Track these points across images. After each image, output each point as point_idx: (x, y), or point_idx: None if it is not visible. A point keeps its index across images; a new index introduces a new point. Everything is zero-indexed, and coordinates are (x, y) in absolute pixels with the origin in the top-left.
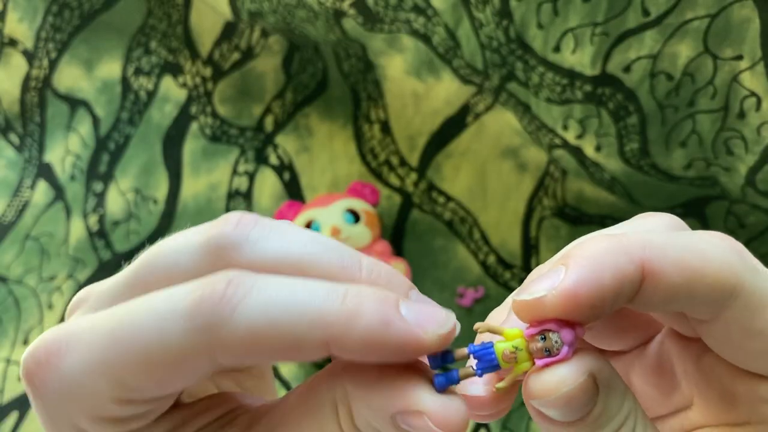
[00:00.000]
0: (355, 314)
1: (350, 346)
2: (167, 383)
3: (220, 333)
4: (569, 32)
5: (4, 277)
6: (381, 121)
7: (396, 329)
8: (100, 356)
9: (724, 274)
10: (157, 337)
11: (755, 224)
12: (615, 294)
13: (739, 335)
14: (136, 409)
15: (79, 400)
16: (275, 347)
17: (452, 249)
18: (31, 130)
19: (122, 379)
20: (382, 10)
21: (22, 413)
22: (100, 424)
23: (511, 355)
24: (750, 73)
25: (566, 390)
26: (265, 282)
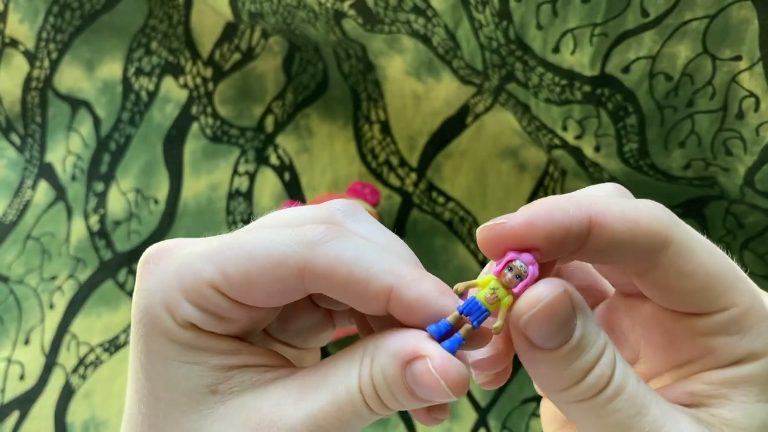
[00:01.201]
0: (420, 278)
1: (407, 298)
2: (256, 286)
3: (315, 251)
4: (568, 33)
5: (5, 276)
6: (381, 122)
7: (448, 302)
8: (214, 248)
9: (657, 225)
10: (268, 242)
11: (754, 224)
12: (566, 230)
13: (674, 278)
14: (221, 306)
15: (182, 277)
16: (350, 278)
17: (452, 249)
18: (32, 131)
19: (224, 267)
20: (382, 11)
21: (23, 413)
22: (187, 308)
23: (492, 297)
24: (749, 73)
25: (548, 299)
26: (357, 236)
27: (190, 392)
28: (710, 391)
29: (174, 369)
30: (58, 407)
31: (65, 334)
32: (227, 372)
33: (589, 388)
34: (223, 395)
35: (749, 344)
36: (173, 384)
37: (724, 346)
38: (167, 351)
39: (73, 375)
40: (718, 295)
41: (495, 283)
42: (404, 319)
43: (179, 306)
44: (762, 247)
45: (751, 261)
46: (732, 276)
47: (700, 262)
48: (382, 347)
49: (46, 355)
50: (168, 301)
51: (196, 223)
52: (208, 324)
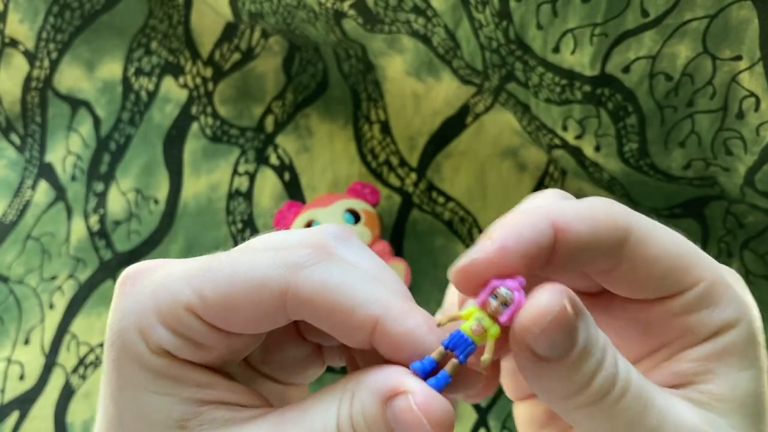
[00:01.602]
0: (409, 311)
1: (394, 333)
2: (239, 312)
3: (298, 275)
4: (568, 33)
5: (5, 276)
6: (381, 122)
7: (433, 338)
8: (194, 269)
9: (615, 217)
10: (250, 264)
11: (754, 224)
12: (536, 245)
13: (642, 267)
14: (199, 332)
15: (158, 299)
16: (334, 305)
17: (452, 249)
18: (32, 131)
19: (202, 290)
20: (382, 11)
21: (23, 413)
22: (161, 333)
23: (478, 328)
24: (749, 73)
25: (555, 310)
26: (343, 262)
27: (158, 425)
28: (695, 369)
29: (144, 399)
30: (58, 407)
31: (65, 334)
32: (198, 407)
33: (598, 391)
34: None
35: (722, 315)
36: (142, 414)
37: (699, 321)
38: (138, 379)
39: (73, 375)
40: (685, 273)
41: (480, 313)
42: (389, 355)
43: (153, 330)
44: (762, 247)
45: (751, 261)
46: (694, 253)
47: (662, 245)
48: (363, 383)
49: (46, 355)
50: (142, 324)
51: (196, 223)
52: (182, 351)
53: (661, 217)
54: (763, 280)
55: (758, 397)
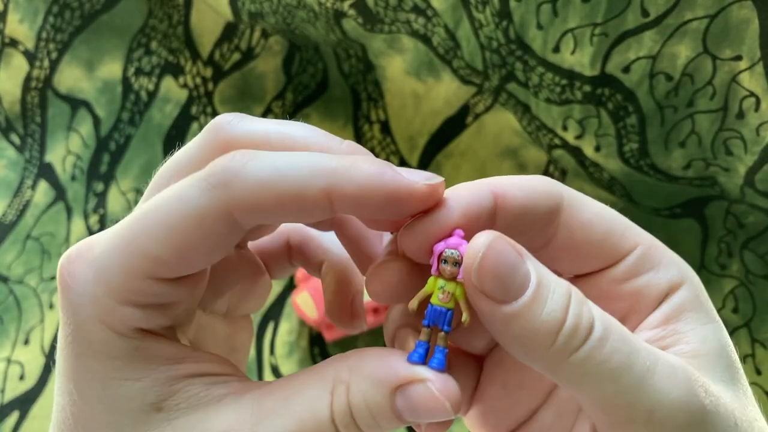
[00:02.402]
0: (352, 165)
1: (350, 192)
2: (191, 251)
3: (233, 187)
4: (569, 33)
5: (5, 276)
6: (381, 122)
7: (390, 178)
8: (126, 236)
9: (548, 186)
10: (177, 203)
11: (754, 224)
12: (477, 205)
13: (579, 231)
14: (160, 291)
15: (108, 281)
16: (283, 197)
17: None
18: (32, 131)
19: (148, 250)
20: (382, 11)
21: (23, 413)
22: (125, 311)
23: (445, 296)
24: (749, 73)
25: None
26: (266, 152)
27: (133, 413)
28: (660, 334)
29: (114, 389)
30: None
31: None
32: (172, 385)
33: (574, 330)
34: (169, 413)
35: (666, 275)
36: (115, 406)
37: (646, 284)
38: (105, 370)
39: None
40: (621, 238)
41: (440, 281)
42: (357, 213)
43: (115, 313)
44: (762, 247)
45: (751, 261)
46: (624, 220)
47: (594, 211)
48: (361, 373)
49: (45, 355)
50: (100, 312)
51: None
52: (151, 319)
53: (661, 216)
54: (763, 280)
55: (726, 348)
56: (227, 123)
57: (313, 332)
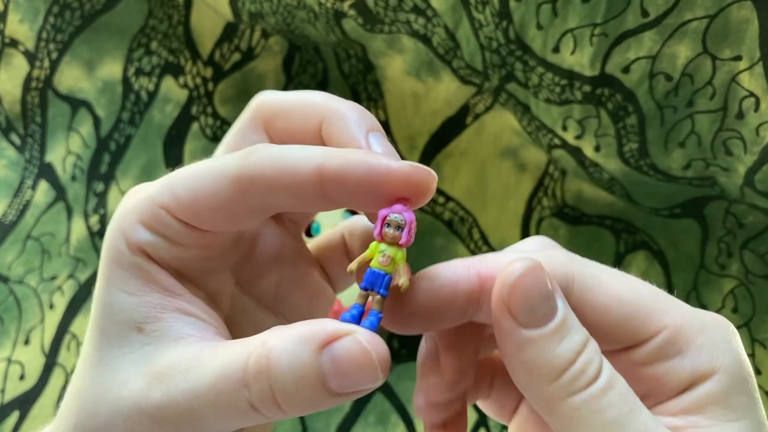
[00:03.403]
0: (341, 152)
1: (335, 167)
2: (200, 201)
3: (248, 158)
4: (568, 33)
5: (5, 276)
6: (381, 122)
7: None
8: (169, 179)
9: (553, 266)
10: (211, 161)
11: (754, 224)
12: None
13: (591, 315)
14: (173, 228)
15: (137, 201)
16: (280, 170)
17: (452, 249)
18: (32, 131)
19: (173, 188)
20: (382, 11)
21: (23, 413)
22: (140, 230)
23: (385, 259)
24: (749, 73)
25: (528, 266)
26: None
27: (120, 324)
28: (678, 423)
29: (113, 296)
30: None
31: (65, 334)
32: (158, 312)
33: (580, 374)
34: (146, 336)
35: (692, 363)
36: (109, 312)
37: (668, 371)
38: (113, 276)
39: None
40: (643, 322)
41: (382, 245)
42: (343, 196)
43: (133, 230)
44: (762, 247)
45: (751, 261)
46: (652, 299)
47: (611, 293)
48: (288, 333)
49: (46, 355)
50: (124, 225)
51: None
52: (159, 248)
53: (661, 216)
54: (763, 280)
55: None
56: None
57: None
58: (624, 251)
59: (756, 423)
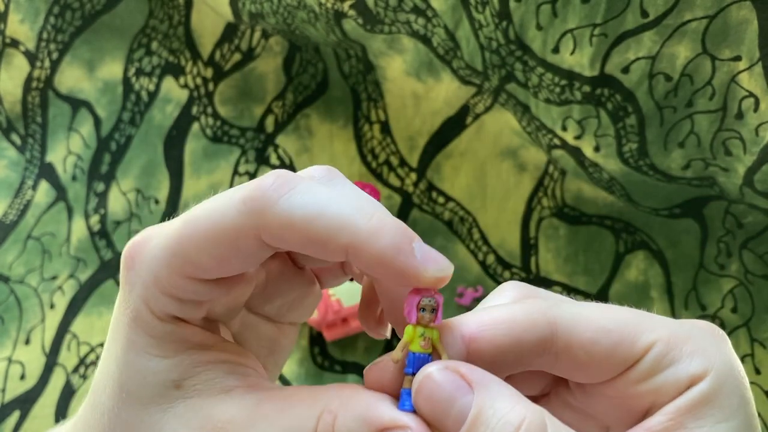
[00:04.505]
0: (376, 232)
1: (365, 255)
2: (224, 260)
3: (266, 215)
4: (568, 33)
5: (5, 276)
6: (381, 122)
7: (405, 257)
8: (175, 237)
9: (534, 316)
10: (218, 219)
11: (753, 224)
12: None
13: (582, 353)
14: (196, 290)
15: (156, 273)
16: (308, 240)
17: (452, 249)
18: (33, 131)
19: (190, 255)
20: (382, 11)
21: (23, 413)
22: (164, 301)
23: (426, 343)
24: (748, 73)
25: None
26: (309, 184)
27: (156, 386)
28: (666, 425)
29: (146, 361)
30: (59, 407)
31: (66, 333)
32: (195, 367)
33: None
34: (186, 391)
35: (687, 368)
36: (142, 375)
37: (665, 382)
38: (143, 343)
39: (74, 375)
40: (632, 344)
41: (419, 329)
42: (369, 273)
43: (157, 301)
44: (761, 247)
45: (751, 261)
46: (635, 321)
47: (595, 326)
48: (351, 409)
49: (46, 354)
50: (147, 297)
51: None
52: (187, 312)
53: (661, 216)
54: (763, 280)
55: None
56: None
57: (313, 332)
58: (624, 251)
59: (745, 424)
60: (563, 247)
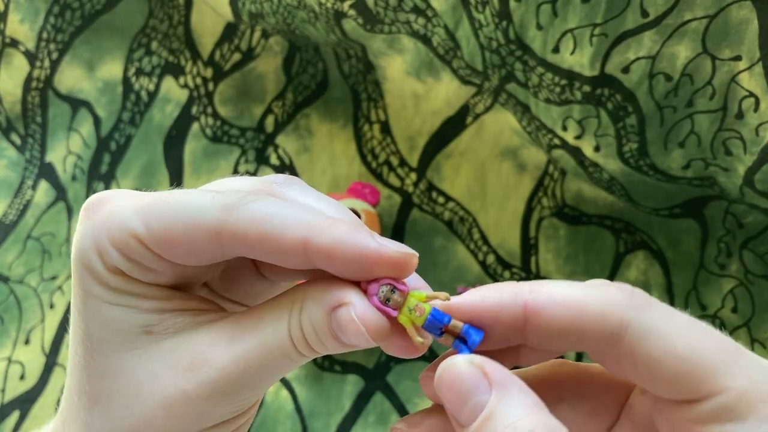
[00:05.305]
0: (330, 225)
1: (322, 246)
2: (178, 245)
3: (231, 214)
4: (568, 33)
5: (5, 276)
6: (381, 122)
7: (362, 238)
8: (145, 204)
9: (608, 309)
10: (192, 203)
11: (753, 224)
12: (495, 312)
13: (643, 365)
14: (145, 257)
15: (111, 227)
16: (264, 236)
17: (452, 249)
18: (33, 131)
19: (150, 223)
20: (382, 11)
21: (23, 413)
22: (114, 255)
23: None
24: (748, 73)
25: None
26: (273, 198)
27: (123, 332)
28: None
29: (106, 310)
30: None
31: (66, 333)
32: (161, 314)
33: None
34: (157, 335)
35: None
36: (106, 324)
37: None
38: (99, 293)
39: None
40: (703, 380)
41: (404, 312)
42: (328, 267)
43: (107, 252)
44: (762, 247)
45: (751, 261)
46: (717, 358)
47: (667, 346)
48: (310, 295)
49: (46, 354)
50: (98, 246)
51: None
52: (134, 272)
53: (661, 216)
54: (763, 280)
55: None
56: (279, 183)
57: None
58: (624, 251)
59: None
60: (563, 247)
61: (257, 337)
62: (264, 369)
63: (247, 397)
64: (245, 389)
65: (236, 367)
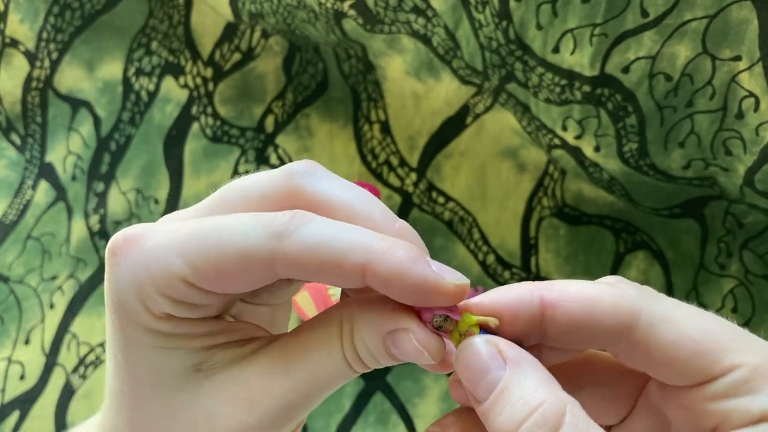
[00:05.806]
0: (389, 250)
1: (381, 273)
2: (230, 278)
3: (283, 242)
4: (568, 33)
5: (5, 276)
6: (381, 122)
7: (421, 269)
8: (182, 242)
9: (621, 301)
10: (237, 236)
11: (754, 224)
12: (514, 307)
13: (658, 352)
14: (194, 296)
15: (153, 273)
16: (322, 263)
17: (452, 249)
18: (33, 131)
19: (195, 263)
20: (382, 11)
21: (23, 413)
22: (160, 301)
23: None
24: (748, 73)
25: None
26: (321, 218)
27: (173, 374)
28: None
29: (155, 355)
30: (59, 407)
31: (65, 333)
32: (208, 351)
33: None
34: (207, 372)
35: (762, 403)
36: (156, 368)
37: (736, 408)
38: (146, 339)
39: (74, 375)
40: (715, 359)
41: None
42: (384, 291)
43: (153, 300)
44: (762, 247)
45: (751, 261)
46: (726, 338)
47: (680, 331)
48: (362, 318)
49: (46, 355)
50: (141, 295)
51: None
52: (182, 312)
53: (661, 216)
54: (763, 280)
55: None
56: (302, 175)
57: None
58: (624, 251)
59: None
60: (563, 247)
61: (313, 362)
62: (322, 391)
63: (303, 416)
64: (304, 411)
65: (297, 393)
